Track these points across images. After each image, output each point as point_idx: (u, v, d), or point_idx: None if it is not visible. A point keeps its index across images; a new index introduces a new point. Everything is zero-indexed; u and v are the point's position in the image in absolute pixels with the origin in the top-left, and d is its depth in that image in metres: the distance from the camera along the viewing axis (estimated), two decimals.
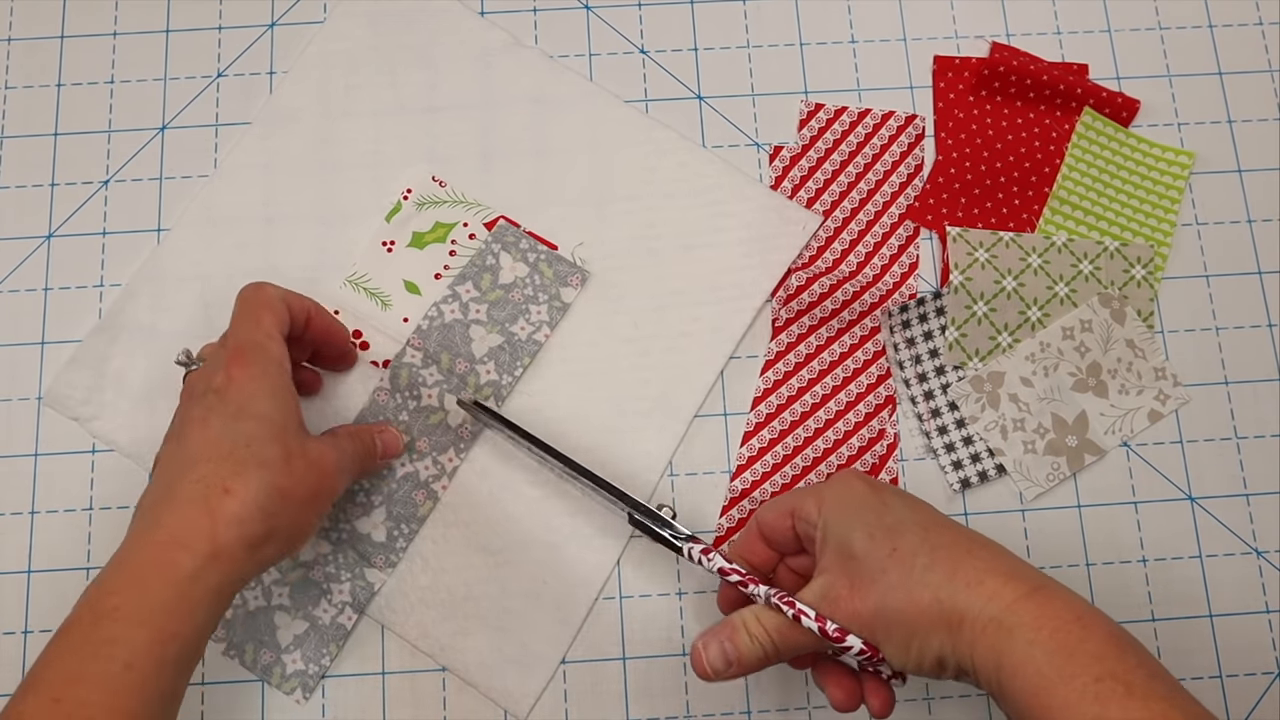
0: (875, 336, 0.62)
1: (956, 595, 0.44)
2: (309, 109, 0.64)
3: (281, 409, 0.49)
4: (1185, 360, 0.62)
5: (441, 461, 0.59)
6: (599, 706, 0.57)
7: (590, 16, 0.67)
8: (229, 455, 0.47)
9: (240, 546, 0.46)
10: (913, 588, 0.45)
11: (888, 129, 0.65)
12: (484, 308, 0.60)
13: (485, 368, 0.60)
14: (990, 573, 0.44)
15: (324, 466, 0.50)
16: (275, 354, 0.50)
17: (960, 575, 0.44)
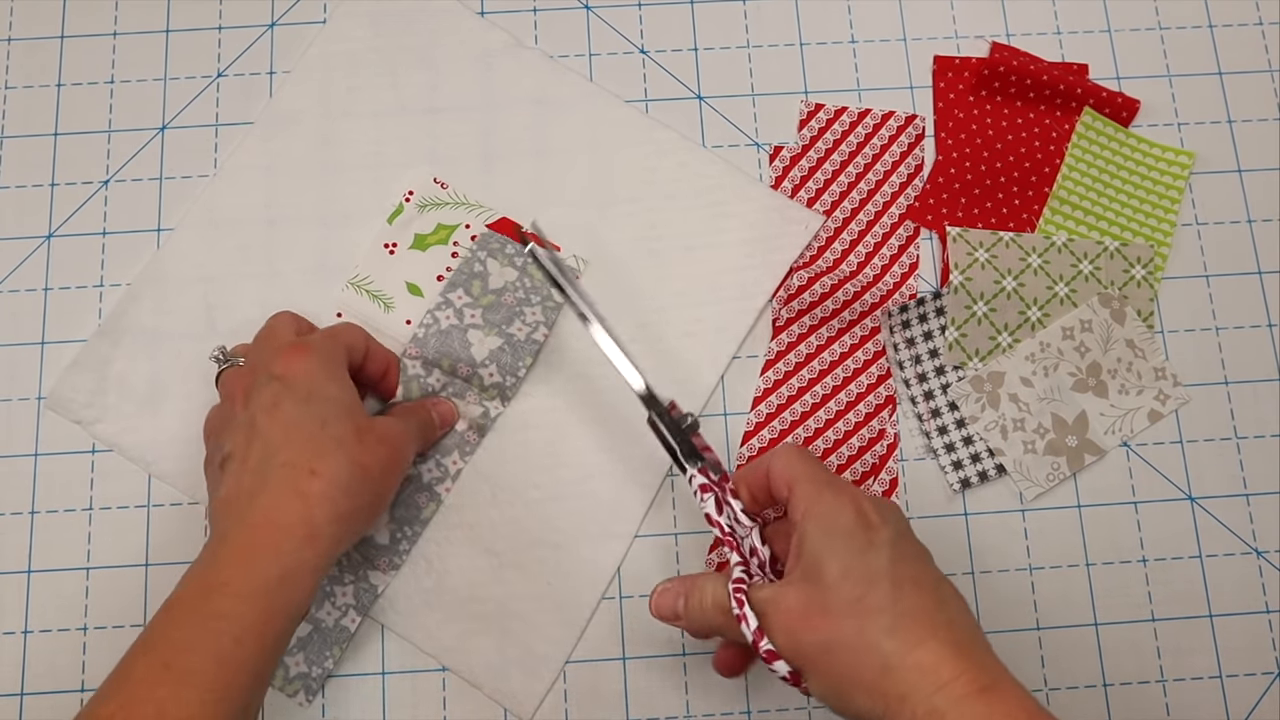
0: (875, 336, 0.62)
1: (906, 673, 0.43)
2: (310, 110, 0.64)
3: (347, 390, 0.51)
4: (1185, 360, 0.62)
5: (445, 464, 0.59)
6: (599, 706, 0.57)
7: (590, 16, 0.67)
8: (309, 438, 0.49)
9: (332, 525, 0.48)
10: (865, 648, 0.44)
11: (888, 129, 0.65)
12: (478, 312, 0.60)
13: (488, 370, 0.59)
14: (949, 658, 0.43)
15: (395, 440, 0.52)
16: (331, 349, 0.52)
17: (917, 653, 0.43)
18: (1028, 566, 0.59)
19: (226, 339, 0.60)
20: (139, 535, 0.59)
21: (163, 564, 0.58)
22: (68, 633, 0.58)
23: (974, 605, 0.59)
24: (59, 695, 0.57)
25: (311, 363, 0.50)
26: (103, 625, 0.58)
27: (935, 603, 0.45)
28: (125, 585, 0.58)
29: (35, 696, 0.57)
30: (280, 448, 0.48)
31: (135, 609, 0.58)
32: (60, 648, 0.57)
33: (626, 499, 0.59)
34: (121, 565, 0.58)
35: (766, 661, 0.46)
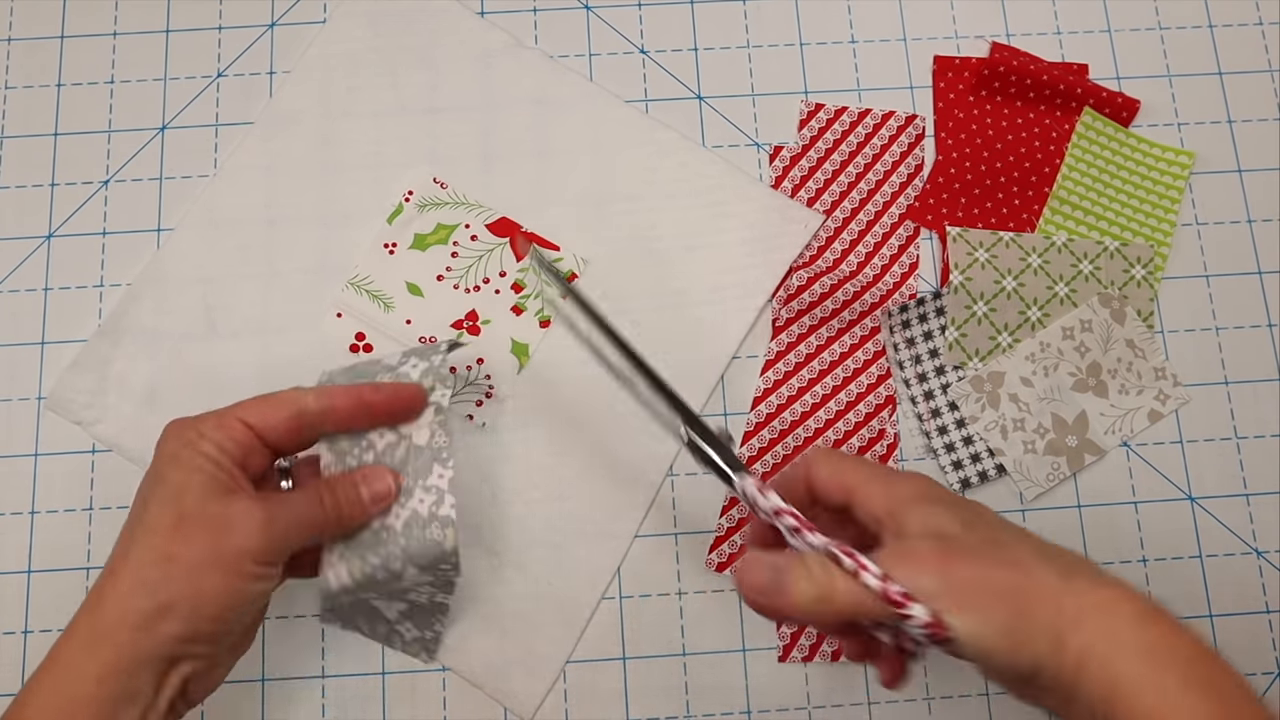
0: (875, 336, 0.62)
1: (1080, 594, 0.38)
2: (310, 110, 0.64)
3: (190, 472, 0.44)
4: (1185, 360, 0.62)
5: (432, 485, 0.49)
6: (599, 706, 0.57)
7: (590, 16, 0.67)
8: (126, 535, 0.44)
9: (123, 627, 0.41)
10: (1033, 569, 0.38)
11: (888, 129, 0.65)
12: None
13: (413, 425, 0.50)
14: (1108, 583, 0.38)
15: (228, 525, 0.43)
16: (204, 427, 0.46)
17: (1079, 575, 0.38)
18: None
19: (226, 339, 0.61)
20: None
21: None
22: None
23: None
24: None
25: (169, 443, 0.46)
26: None
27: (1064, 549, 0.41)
28: None
29: None
30: (121, 535, 0.45)
31: None
32: None
33: (626, 499, 0.59)
34: None
35: (899, 606, 0.38)
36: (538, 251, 0.51)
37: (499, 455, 0.60)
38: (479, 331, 0.61)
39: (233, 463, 0.45)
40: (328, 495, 0.47)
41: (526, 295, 0.62)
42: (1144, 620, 0.37)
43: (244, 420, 0.46)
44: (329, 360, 0.60)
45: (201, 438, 0.45)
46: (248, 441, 0.46)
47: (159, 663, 0.42)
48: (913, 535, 0.40)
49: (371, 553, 0.48)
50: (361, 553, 0.48)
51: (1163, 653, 0.37)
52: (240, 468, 0.46)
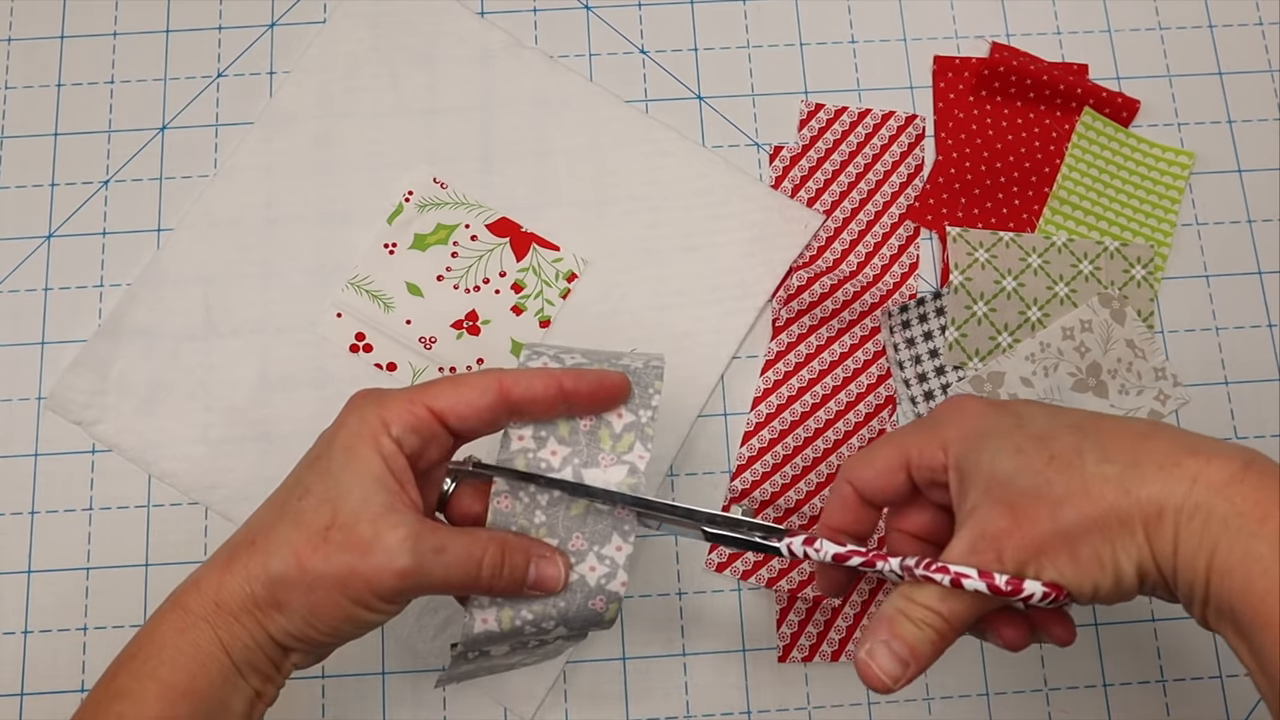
0: (875, 336, 0.62)
1: (1147, 482, 0.36)
2: (310, 110, 0.64)
3: (360, 469, 0.41)
4: (1185, 360, 0.62)
5: (608, 555, 0.44)
6: (599, 706, 0.57)
7: (590, 16, 0.67)
8: (279, 504, 0.42)
9: (240, 604, 0.41)
10: (1090, 486, 0.37)
11: (888, 129, 0.65)
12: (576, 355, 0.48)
13: (614, 411, 0.46)
14: (1185, 452, 0.36)
15: (369, 550, 0.40)
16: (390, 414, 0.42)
17: (1146, 461, 0.37)
18: None
19: (226, 339, 0.61)
20: (139, 535, 0.59)
21: (163, 564, 0.58)
22: (68, 633, 0.58)
23: None
24: (59, 695, 0.57)
25: (352, 421, 0.42)
26: (103, 625, 0.58)
27: (1126, 420, 0.39)
28: (125, 585, 0.58)
29: (35, 696, 0.57)
30: (268, 500, 0.44)
31: (135, 609, 0.58)
32: (60, 648, 0.57)
33: None
34: (121, 565, 0.58)
35: (1014, 594, 0.37)
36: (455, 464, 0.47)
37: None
38: (479, 331, 0.61)
39: (410, 460, 0.42)
40: (491, 559, 0.42)
41: (526, 295, 0.62)
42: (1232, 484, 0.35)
43: (434, 408, 0.43)
44: (329, 360, 0.60)
45: (386, 426, 0.42)
46: (432, 431, 0.43)
47: (273, 646, 0.42)
48: (978, 503, 0.39)
49: (527, 608, 0.44)
50: (517, 605, 0.44)
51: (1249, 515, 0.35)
52: (416, 459, 0.43)
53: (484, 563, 0.42)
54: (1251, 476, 0.35)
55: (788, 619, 0.58)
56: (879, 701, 0.57)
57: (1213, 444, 0.37)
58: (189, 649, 0.41)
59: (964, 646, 0.58)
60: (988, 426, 0.40)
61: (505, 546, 0.43)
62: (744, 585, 0.59)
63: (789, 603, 0.58)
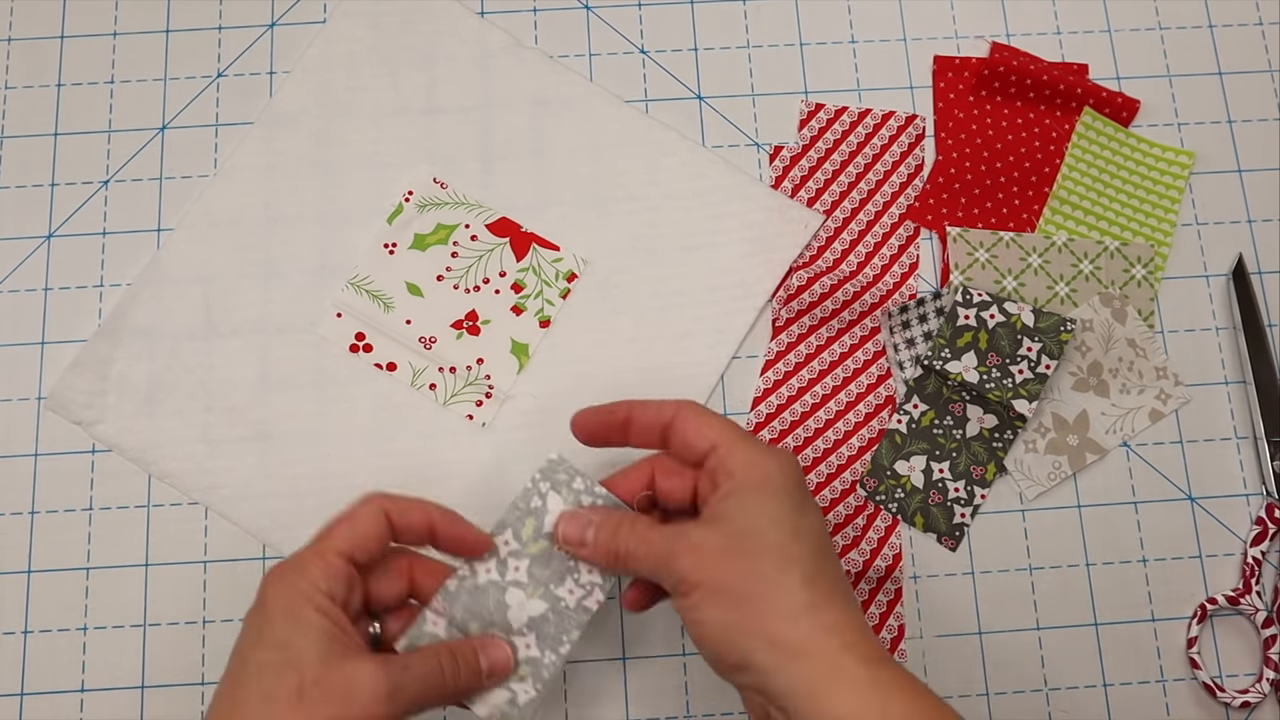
0: (875, 336, 0.62)
1: (813, 629, 0.43)
2: (310, 110, 0.64)
3: (306, 631, 0.43)
4: (1185, 360, 0.62)
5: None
6: (599, 706, 0.57)
7: (590, 16, 0.67)
8: (234, 697, 0.42)
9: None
10: (780, 592, 0.43)
11: (888, 129, 0.65)
12: (524, 564, 0.49)
13: (524, 640, 0.48)
14: (855, 624, 0.44)
15: (351, 695, 0.42)
16: (313, 574, 0.44)
17: (828, 611, 0.43)
18: (1028, 566, 0.59)
19: (226, 339, 0.61)
20: (139, 535, 0.59)
21: (162, 564, 0.58)
22: (68, 633, 0.58)
23: (974, 605, 0.59)
24: (59, 695, 0.57)
25: (278, 594, 0.44)
26: (103, 625, 0.58)
27: (841, 573, 0.46)
28: (125, 585, 0.58)
29: (35, 696, 0.57)
30: (220, 694, 0.43)
31: (135, 609, 0.58)
32: (60, 648, 0.57)
33: None
34: (121, 565, 0.58)
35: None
36: None
37: (499, 455, 0.60)
38: (479, 331, 0.61)
39: (343, 612, 0.44)
40: (448, 662, 0.45)
41: (526, 295, 0.62)
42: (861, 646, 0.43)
43: (342, 554, 0.45)
44: (329, 360, 0.61)
45: (314, 589, 0.44)
46: (349, 578, 0.45)
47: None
48: (721, 512, 0.45)
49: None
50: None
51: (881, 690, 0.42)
52: (345, 606, 0.45)
53: (444, 668, 0.45)
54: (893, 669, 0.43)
55: None
56: None
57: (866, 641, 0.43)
58: None
59: (964, 646, 0.58)
60: (786, 490, 0.46)
61: (452, 648, 0.46)
62: None
63: None
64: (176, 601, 0.58)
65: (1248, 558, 0.59)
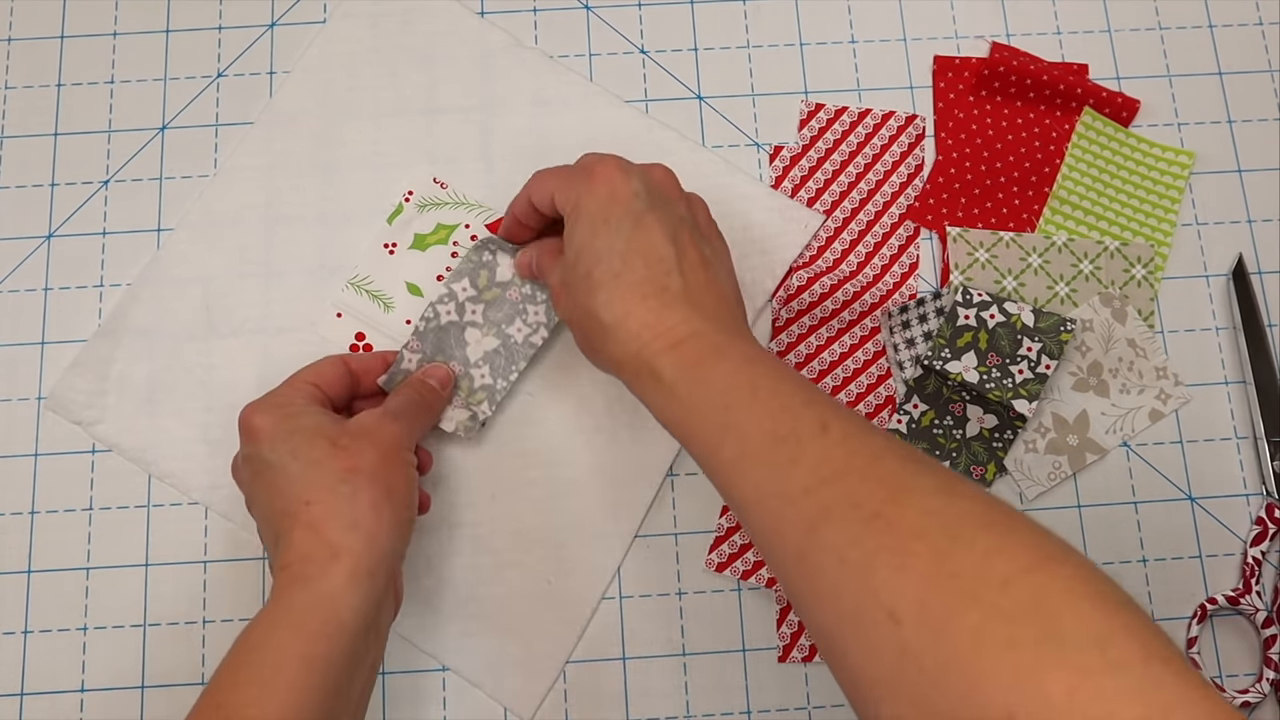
0: (875, 336, 0.62)
1: (620, 340, 0.48)
2: (310, 110, 0.64)
3: (310, 417, 0.51)
4: (1185, 360, 0.62)
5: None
6: (599, 706, 0.57)
7: (590, 16, 0.67)
8: (291, 478, 0.49)
9: (350, 533, 0.47)
10: (591, 320, 0.49)
11: (888, 129, 0.65)
12: (480, 308, 0.58)
13: (480, 372, 0.58)
14: (652, 320, 0.48)
15: (376, 428, 0.51)
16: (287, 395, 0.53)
17: (628, 322, 0.48)
18: None
19: (226, 339, 0.61)
20: (139, 535, 0.59)
21: (162, 564, 0.58)
22: (68, 633, 0.58)
23: None
24: (59, 695, 0.57)
25: (264, 418, 0.51)
26: (103, 625, 0.58)
27: (662, 271, 0.49)
28: (125, 585, 0.58)
29: (35, 696, 0.57)
30: (273, 501, 0.49)
31: (135, 609, 0.58)
32: (60, 648, 0.57)
33: (626, 499, 0.59)
34: (121, 565, 0.58)
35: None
36: None
37: (499, 454, 0.60)
38: None
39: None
40: (414, 387, 0.55)
41: None
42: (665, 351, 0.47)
43: (308, 381, 0.53)
44: None
45: (289, 400, 0.52)
46: (320, 397, 0.53)
47: (389, 563, 0.49)
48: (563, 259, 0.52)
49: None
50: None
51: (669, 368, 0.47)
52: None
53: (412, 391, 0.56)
54: (682, 346, 0.47)
55: (788, 619, 0.58)
56: None
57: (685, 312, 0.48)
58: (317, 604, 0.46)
59: None
60: (590, 211, 0.50)
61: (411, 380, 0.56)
62: (744, 585, 0.59)
63: (789, 603, 0.58)
64: (176, 601, 0.58)
65: (1248, 558, 0.59)
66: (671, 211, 0.51)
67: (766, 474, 0.42)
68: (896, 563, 0.37)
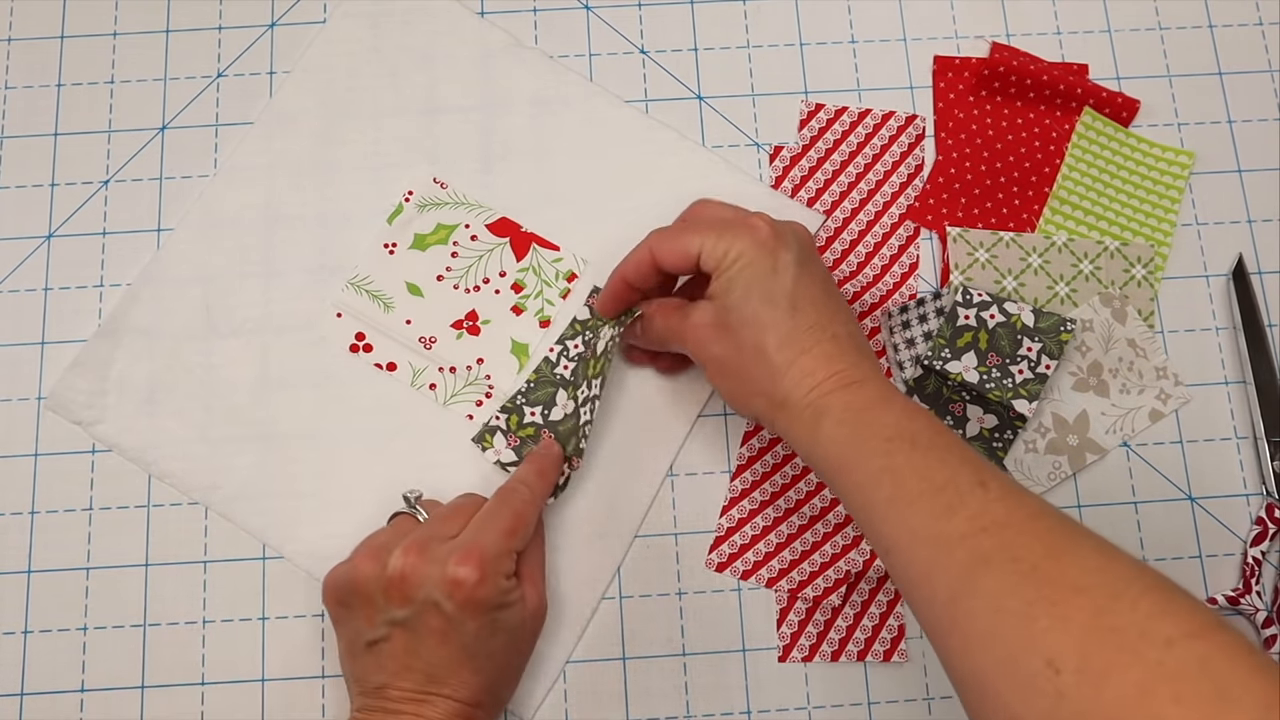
0: (875, 337, 0.62)
1: (790, 380, 0.50)
2: (310, 110, 0.64)
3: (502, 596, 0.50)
4: (1185, 360, 0.62)
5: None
6: (599, 706, 0.57)
7: (590, 16, 0.67)
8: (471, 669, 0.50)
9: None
10: (759, 358, 0.50)
11: (888, 129, 0.65)
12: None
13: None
14: (824, 364, 0.49)
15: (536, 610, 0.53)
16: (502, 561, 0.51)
17: (801, 361, 0.50)
18: None
19: (226, 339, 0.61)
20: (139, 535, 0.59)
21: (163, 564, 0.58)
22: (68, 633, 0.58)
23: None
24: (59, 695, 0.57)
25: (483, 591, 0.49)
26: (103, 625, 0.58)
27: (828, 318, 0.51)
28: (125, 585, 0.58)
29: (35, 696, 0.57)
30: (442, 674, 0.49)
31: (135, 609, 0.58)
32: (60, 648, 0.57)
33: (626, 499, 0.59)
34: (121, 565, 0.58)
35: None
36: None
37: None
38: (479, 332, 0.61)
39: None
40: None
41: (526, 295, 0.62)
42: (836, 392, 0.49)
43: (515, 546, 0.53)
44: (329, 360, 0.61)
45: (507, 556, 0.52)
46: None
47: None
48: (713, 293, 0.52)
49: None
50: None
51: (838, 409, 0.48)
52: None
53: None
54: (853, 387, 0.49)
55: (788, 619, 0.58)
56: (879, 701, 0.57)
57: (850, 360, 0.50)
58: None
59: None
60: (751, 258, 0.51)
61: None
62: (744, 585, 0.59)
63: (789, 603, 0.58)
64: (176, 601, 0.58)
65: (1248, 558, 0.59)
66: (820, 266, 0.54)
67: (923, 519, 0.43)
68: (1057, 613, 0.38)
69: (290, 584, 0.58)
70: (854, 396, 0.48)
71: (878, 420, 0.47)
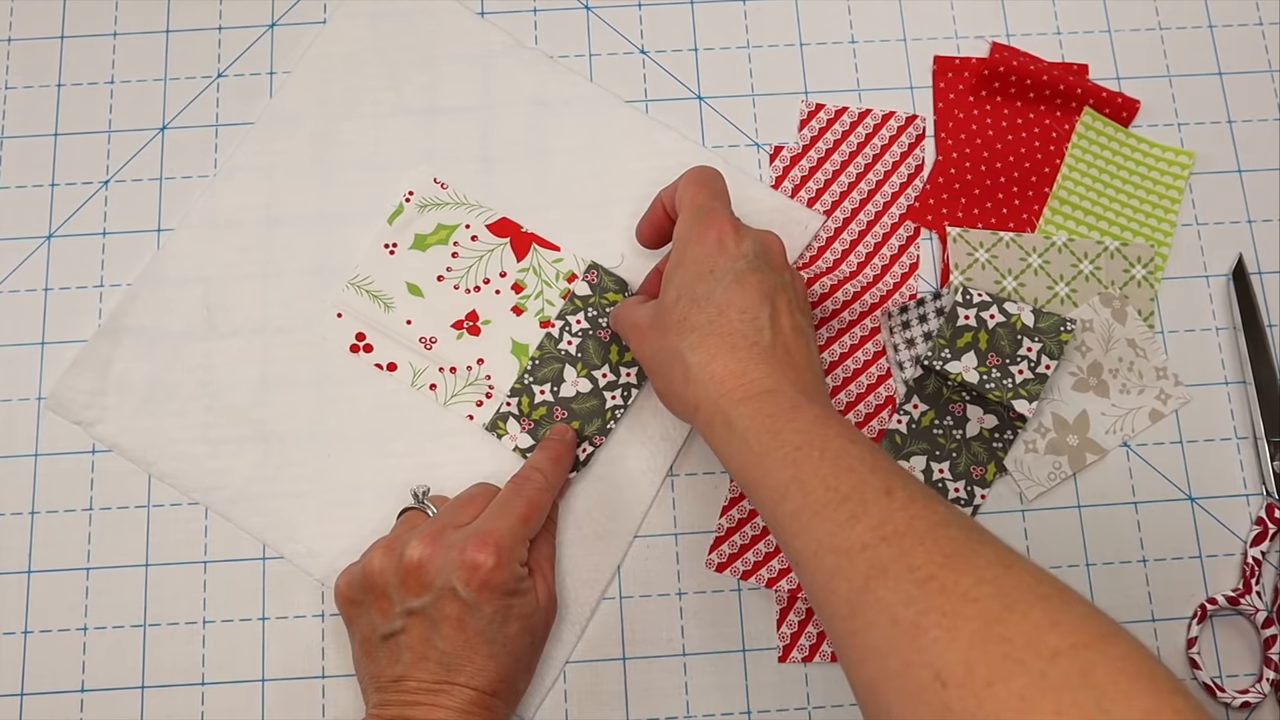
0: (875, 337, 0.62)
1: (701, 384, 0.49)
2: (310, 111, 0.64)
3: (514, 582, 0.51)
4: (1185, 360, 0.62)
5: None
6: (599, 706, 0.57)
7: (590, 17, 0.67)
8: (488, 655, 0.50)
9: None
10: (676, 361, 0.51)
11: (888, 129, 0.65)
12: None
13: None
14: (737, 371, 0.49)
15: (546, 603, 0.54)
16: (516, 549, 0.52)
17: (712, 366, 0.49)
18: None
19: (226, 339, 0.61)
20: (139, 535, 0.59)
21: (163, 564, 0.58)
22: (68, 633, 0.58)
23: None
24: (59, 695, 0.57)
25: (499, 576, 0.50)
26: (103, 625, 0.58)
27: (755, 328, 0.50)
28: (125, 585, 0.58)
29: (35, 696, 0.57)
30: (459, 662, 0.50)
31: (135, 609, 0.58)
32: (60, 648, 0.57)
33: (626, 499, 0.59)
34: (121, 565, 0.58)
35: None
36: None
37: (499, 455, 0.60)
38: (479, 332, 0.61)
39: None
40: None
41: (527, 295, 0.62)
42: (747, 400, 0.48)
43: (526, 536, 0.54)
44: (329, 360, 0.61)
45: (521, 542, 0.53)
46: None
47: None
48: (655, 303, 0.54)
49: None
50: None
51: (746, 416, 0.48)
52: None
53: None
54: (764, 396, 0.48)
55: (788, 619, 0.58)
56: None
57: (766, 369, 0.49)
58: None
59: None
60: (697, 257, 0.52)
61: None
62: (744, 585, 0.59)
63: (789, 603, 0.58)
64: (176, 601, 0.58)
65: (1248, 558, 0.59)
66: (773, 277, 0.52)
67: (826, 529, 0.43)
68: (947, 624, 0.37)
69: (290, 584, 0.58)
70: (759, 406, 0.48)
71: (786, 428, 0.46)
